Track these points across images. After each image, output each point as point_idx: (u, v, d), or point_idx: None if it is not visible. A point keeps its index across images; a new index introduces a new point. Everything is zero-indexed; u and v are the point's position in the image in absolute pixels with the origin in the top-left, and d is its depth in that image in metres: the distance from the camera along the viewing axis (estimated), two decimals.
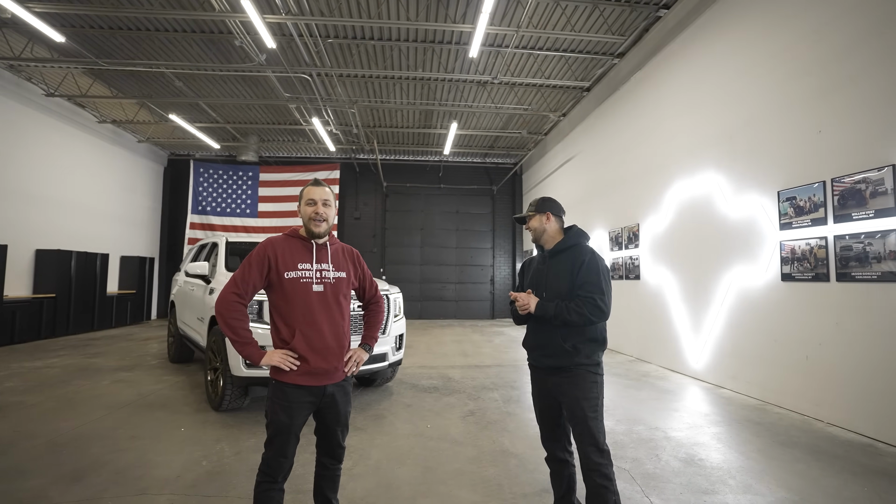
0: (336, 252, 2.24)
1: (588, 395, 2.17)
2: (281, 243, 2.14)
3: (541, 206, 2.40)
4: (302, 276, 2.09)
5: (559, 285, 2.24)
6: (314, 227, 2.14)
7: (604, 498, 2.07)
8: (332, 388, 2.10)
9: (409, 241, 15.53)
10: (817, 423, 4.23)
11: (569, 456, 2.36)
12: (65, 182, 10.54)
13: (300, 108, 10.76)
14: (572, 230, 2.38)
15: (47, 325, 9.44)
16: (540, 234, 2.39)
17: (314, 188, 2.18)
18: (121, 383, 5.60)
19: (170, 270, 14.34)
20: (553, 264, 2.32)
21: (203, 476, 3.02)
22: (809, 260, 4.45)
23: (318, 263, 2.14)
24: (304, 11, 7.04)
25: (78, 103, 10.72)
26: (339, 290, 2.17)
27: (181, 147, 14.58)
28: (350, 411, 2.26)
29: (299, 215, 2.21)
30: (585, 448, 2.13)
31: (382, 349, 5.02)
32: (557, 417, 2.33)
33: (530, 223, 2.41)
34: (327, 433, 2.18)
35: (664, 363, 6.86)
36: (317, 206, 2.14)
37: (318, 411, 2.13)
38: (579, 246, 2.30)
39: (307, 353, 2.03)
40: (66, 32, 7.42)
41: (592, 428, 2.14)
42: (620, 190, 8.48)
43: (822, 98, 4.37)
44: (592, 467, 2.10)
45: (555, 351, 2.22)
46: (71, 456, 3.34)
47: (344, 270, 2.22)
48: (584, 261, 2.20)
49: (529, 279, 2.44)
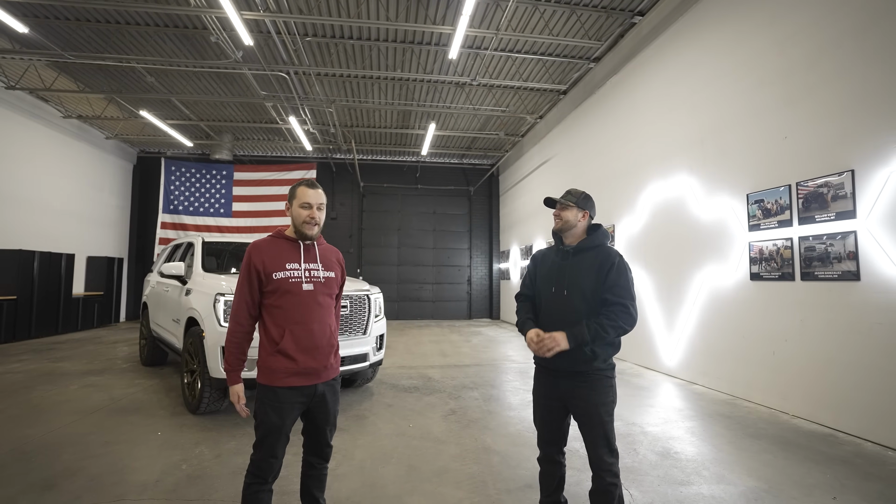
0: (324, 252, 2.24)
1: (605, 401, 2.14)
2: (266, 246, 2.13)
3: (583, 203, 2.28)
4: (291, 276, 2.08)
5: (584, 283, 2.16)
6: (307, 229, 2.13)
7: (612, 494, 2.10)
8: (322, 388, 2.10)
9: (386, 241, 15.48)
10: (783, 416, 4.44)
11: (563, 458, 2.33)
12: (27, 179, 10.08)
13: (277, 106, 10.60)
14: (600, 230, 2.30)
15: (7, 328, 9.02)
16: (570, 227, 2.27)
17: (310, 191, 2.14)
18: (90, 388, 5.40)
19: (139, 271, 13.89)
20: (576, 261, 2.22)
21: (184, 480, 2.96)
22: (776, 260, 4.66)
23: (307, 263, 2.14)
24: (282, 9, 6.96)
25: (41, 97, 10.29)
26: (328, 289, 2.17)
27: (152, 144, 14.14)
28: (339, 410, 2.26)
29: (288, 215, 2.19)
30: (599, 450, 2.11)
31: (363, 349, 5.00)
32: (561, 420, 2.26)
33: (565, 213, 2.27)
34: (316, 433, 2.17)
35: (639, 361, 7.05)
36: (312, 210, 2.13)
37: (308, 411, 2.13)
38: (605, 247, 2.24)
39: (296, 354, 2.02)
40: (30, 23, 7.12)
41: (608, 432, 2.12)
42: (596, 191, 8.62)
43: (787, 106, 4.59)
44: (605, 468, 2.10)
45: (572, 353, 2.12)
46: (40, 463, 3.21)
47: (333, 271, 2.23)
48: (615, 263, 2.14)
49: (546, 273, 2.31)
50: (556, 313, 2.20)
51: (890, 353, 3.62)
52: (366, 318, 5.11)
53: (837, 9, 4.14)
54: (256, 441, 2.02)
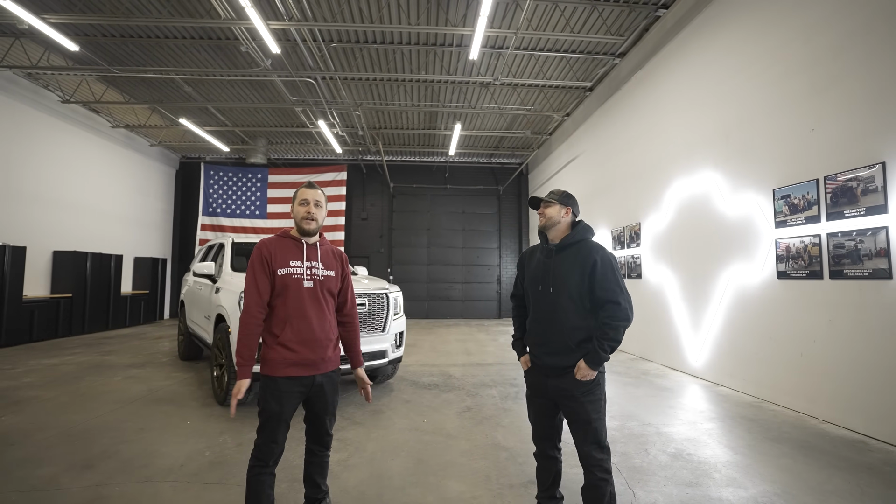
0: (326, 252, 2.36)
1: (593, 398, 2.16)
2: (274, 243, 2.27)
3: (564, 200, 2.32)
4: (293, 273, 2.21)
5: (569, 280, 2.19)
6: (305, 224, 2.27)
7: (602, 490, 2.12)
8: (321, 379, 2.23)
9: (416, 241, 15.66)
10: (811, 420, 4.26)
11: (558, 453, 2.37)
12: (80, 185, 10.87)
13: (306, 111, 10.95)
14: (580, 225, 2.34)
15: (64, 323, 9.75)
16: (553, 224, 2.31)
17: (307, 190, 2.30)
18: (132, 379, 5.80)
19: (181, 271, 14.65)
20: (560, 259, 2.26)
21: (206, 465, 3.17)
22: (803, 258, 4.47)
23: (309, 261, 2.27)
24: (307, 17, 7.21)
25: (92, 109, 11.05)
26: (328, 286, 2.30)
27: (192, 150, 14.89)
28: (338, 401, 2.38)
29: (292, 215, 2.34)
30: (588, 446, 2.14)
31: (382, 346, 5.15)
32: (552, 416, 2.32)
33: (548, 210, 2.32)
34: (316, 421, 2.30)
35: (665, 361, 6.89)
36: (309, 206, 2.27)
37: (308, 400, 2.26)
38: (587, 241, 2.27)
39: (296, 345, 2.15)
40: (80, 41, 7.68)
41: (596, 428, 2.14)
42: (622, 189, 8.52)
43: (814, 96, 4.40)
44: (594, 463, 2.12)
45: (559, 349, 2.18)
46: (82, 446, 3.51)
47: (332, 269, 2.35)
48: (597, 259, 2.16)
49: (532, 272, 2.37)
50: (544, 311, 2.25)
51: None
52: (385, 316, 5.24)
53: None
54: (259, 427, 2.16)
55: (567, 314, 2.17)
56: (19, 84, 9.16)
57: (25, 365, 6.70)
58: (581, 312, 2.18)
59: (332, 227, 14.66)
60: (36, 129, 9.62)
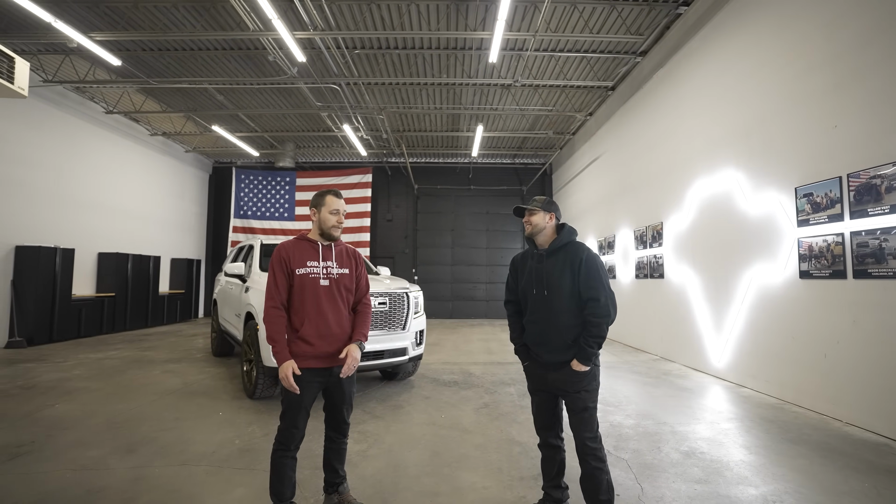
0: (340, 252, 2.54)
1: (589, 388, 2.31)
2: (291, 246, 2.45)
3: (547, 206, 2.44)
4: (311, 273, 2.40)
5: (562, 282, 2.31)
6: (335, 232, 2.47)
7: (598, 479, 2.25)
8: (338, 371, 2.40)
9: (441, 241, 15.83)
10: (834, 423, 4.18)
11: (560, 442, 2.49)
12: (122, 190, 11.52)
13: (331, 115, 11.27)
14: (565, 228, 2.45)
15: (108, 321, 10.37)
16: (539, 230, 2.43)
17: (338, 199, 2.48)
18: (169, 373, 6.17)
19: (214, 271, 15.27)
20: (552, 262, 2.38)
21: (235, 452, 3.41)
22: (826, 257, 4.40)
23: (325, 261, 2.45)
24: (331, 26, 7.47)
25: (133, 118, 11.69)
26: (343, 284, 2.47)
27: (224, 155, 15.51)
28: (355, 392, 2.55)
29: (314, 219, 2.49)
30: (582, 435, 2.28)
31: (402, 344, 5.31)
32: (553, 408, 2.46)
33: (533, 218, 2.43)
34: (333, 410, 2.48)
35: (687, 362, 6.82)
36: (339, 215, 2.47)
37: (326, 390, 2.44)
38: (573, 243, 2.40)
39: (314, 339, 2.33)
40: (122, 56, 8.18)
41: (591, 417, 2.29)
42: (645, 188, 8.45)
43: (837, 92, 4.32)
44: (589, 451, 2.26)
45: (557, 347, 2.32)
46: (126, 432, 3.82)
47: (347, 267, 2.52)
48: (583, 258, 2.29)
49: (526, 278, 2.48)
50: (541, 312, 2.38)
51: None
52: (405, 315, 5.41)
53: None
54: (281, 414, 2.35)
55: (562, 315, 2.30)
56: (68, 97, 9.80)
57: (75, 359, 7.20)
58: (574, 311, 2.31)
59: (357, 229, 15.00)
60: (83, 138, 10.27)
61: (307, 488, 2.83)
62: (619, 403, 4.86)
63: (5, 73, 6.05)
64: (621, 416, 4.38)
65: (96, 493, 2.76)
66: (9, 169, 8.47)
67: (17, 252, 8.55)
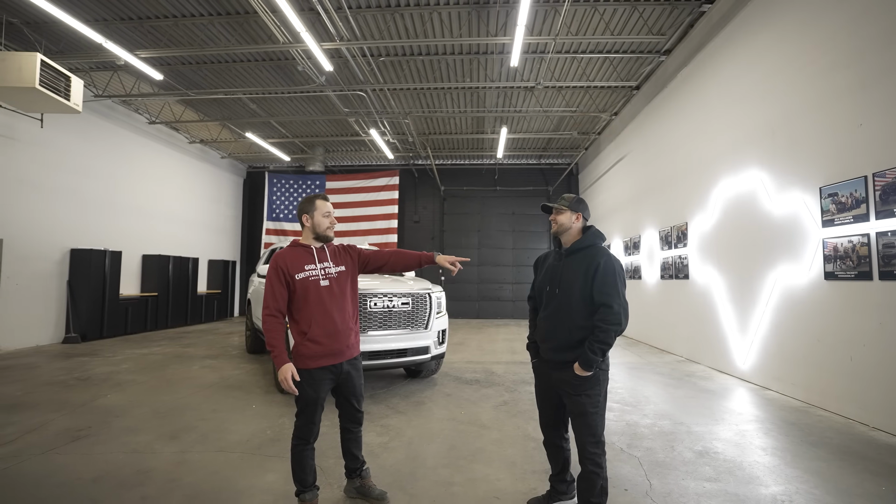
0: (334, 251, 2.67)
1: (591, 392, 2.30)
2: (287, 253, 2.57)
3: (575, 205, 2.44)
4: (310, 276, 2.52)
5: (574, 283, 2.33)
6: (330, 232, 2.62)
7: (593, 482, 2.30)
8: (347, 367, 2.57)
9: (467, 242, 15.98)
10: (860, 427, 4.11)
11: (564, 442, 2.56)
12: (164, 195, 12.22)
13: (358, 121, 11.61)
14: (591, 231, 2.45)
15: (151, 319, 11.02)
16: (565, 229, 2.45)
17: (327, 203, 2.64)
18: (207, 368, 6.57)
19: (249, 272, 15.89)
20: (569, 262, 2.40)
21: (266, 441, 3.67)
22: (852, 258, 4.32)
23: (321, 263, 2.58)
24: (356, 36, 7.75)
25: (173, 127, 12.37)
26: (342, 282, 2.61)
27: (258, 160, 16.15)
28: (363, 384, 2.73)
29: (308, 223, 2.60)
30: (583, 438, 2.32)
31: (425, 343, 5.50)
32: (558, 407, 2.50)
33: (560, 217, 2.44)
34: (346, 404, 2.66)
35: (712, 364, 6.74)
36: (331, 216, 2.63)
37: (337, 387, 2.61)
38: (595, 247, 2.40)
39: (322, 338, 2.48)
40: (164, 70, 8.72)
41: (592, 422, 2.30)
42: (669, 188, 8.37)
43: (861, 90, 4.24)
44: (588, 456, 2.30)
45: (563, 346, 2.34)
46: (169, 421, 4.16)
47: (343, 264, 2.65)
48: (601, 263, 2.28)
49: (543, 274, 2.54)
50: (552, 310, 2.45)
51: None
52: (427, 315, 5.60)
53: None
54: (298, 411, 2.53)
55: (571, 314, 2.34)
56: (116, 110, 10.49)
57: (123, 354, 7.75)
58: (584, 313, 2.32)
59: (385, 230, 15.34)
60: (129, 148, 10.97)
61: (331, 475, 3.05)
62: (638, 403, 4.90)
63: (63, 91, 6.60)
64: (638, 416, 4.43)
65: (145, 473, 3.06)
66: (65, 178, 9.16)
67: (72, 255, 9.23)
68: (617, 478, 3.04)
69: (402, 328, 5.35)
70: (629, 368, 6.88)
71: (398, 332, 5.29)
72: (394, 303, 5.30)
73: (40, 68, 6.25)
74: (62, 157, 9.11)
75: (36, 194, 8.56)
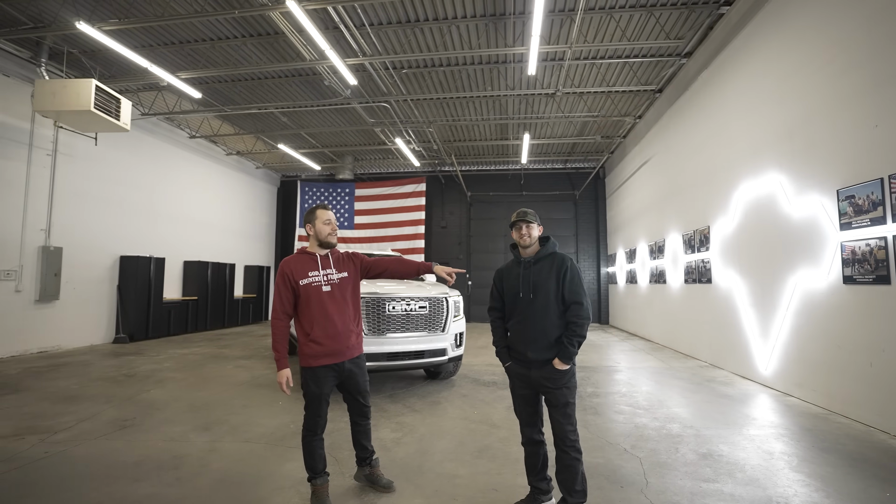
0: (338, 258, 2.89)
1: (569, 384, 2.54)
2: (293, 260, 2.81)
3: (538, 219, 2.70)
4: (313, 282, 2.75)
5: (548, 286, 2.56)
6: (333, 239, 2.84)
7: (575, 469, 2.48)
8: (349, 365, 2.80)
9: (493, 247, 16.10)
10: (880, 435, 4.02)
11: (542, 437, 2.70)
12: (203, 205, 12.97)
13: (384, 130, 11.99)
14: (550, 241, 2.72)
15: (192, 321, 11.70)
16: (534, 241, 2.68)
17: (327, 211, 2.85)
18: (240, 368, 7.01)
19: None
20: (538, 269, 2.62)
21: (289, 434, 3.97)
22: (869, 261, 4.25)
23: (324, 269, 2.80)
24: (378, 51, 8.09)
25: (211, 141, 13.13)
26: (344, 287, 2.82)
27: (290, 170, 16.84)
28: (368, 380, 2.94)
29: (312, 232, 2.83)
30: (564, 428, 2.50)
31: (442, 345, 5.71)
32: (535, 404, 2.68)
33: (531, 230, 2.66)
34: (352, 400, 2.91)
35: (734, 369, 6.64)
36: (332, 224, 2.85)
37: (342, 385, 2.84)
38: (558, 254, 2.66)
39: (324, 340, 2.70)
40: (202, 89, 9.35)
41: (572, 411, 2.52)
42: (692, 191, 8.28)
43: (877, 90, 4.18)
44: (569, 444, 2.48)
45: (541, 346, 2.54)
46: (203, 414, 4.54)
47: (346, 271, 2.86)
48: (568, 267, 2.58)
49: (512, 283, 2.69)
50: (525, 315, 2.62)
51: None
52: (444, 318, 5.81)
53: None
54: (305, 406, 2.78)
55: (548, 315, 2.55)
56: (160, 126, 11.28)
57: (165, 353, 8.32)
58: (558, 312, 2.56)
59: (412, 236, 15.67)
60: (172, 161, 11.74)
61: (345, 465, 3.30)
62: (651, 407, 4.93)
63: (114, 112, 7.23)
64: (647, 419, 4.48)
65: (180, 458, 3.41)
66: (115, 190, 9.93)
67: (122, 261, 9.97)
68: (615, 476, 3.15)
69: (419, 331, 5.58)
70: (650, 373, 6.85)
71: (416, 335, 5.53)
72: (412, 306, 5.54)
73: (95, 93, 6.90)
74: (112, 171, 9.88)
75: (90, 206, 9.33)
